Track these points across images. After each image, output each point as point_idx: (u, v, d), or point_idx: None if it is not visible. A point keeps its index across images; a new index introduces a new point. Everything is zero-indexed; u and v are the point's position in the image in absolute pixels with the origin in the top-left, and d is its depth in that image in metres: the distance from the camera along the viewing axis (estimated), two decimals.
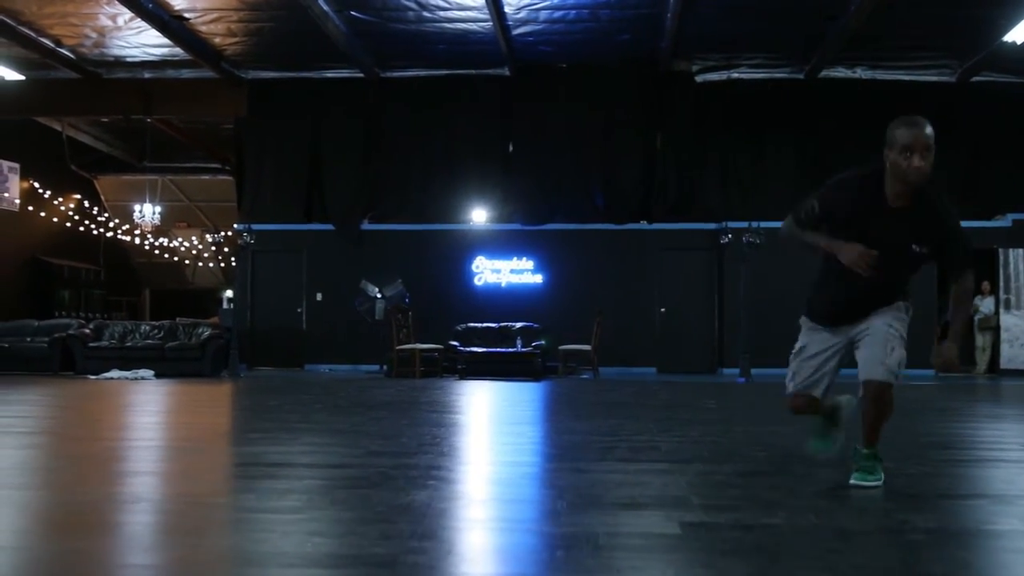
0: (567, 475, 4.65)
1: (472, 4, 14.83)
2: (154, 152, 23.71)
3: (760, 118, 18.18)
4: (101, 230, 22.97)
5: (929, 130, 4.17)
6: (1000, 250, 17.30)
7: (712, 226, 17.54)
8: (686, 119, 18.12)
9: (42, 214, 21.21)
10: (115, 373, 13.72)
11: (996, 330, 17.26)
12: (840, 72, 17.82)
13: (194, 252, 23.27)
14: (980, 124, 17.66)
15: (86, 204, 23.15)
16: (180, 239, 24.79)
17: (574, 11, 15.32)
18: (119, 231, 23.27)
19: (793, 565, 2.87)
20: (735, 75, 18.12)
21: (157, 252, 23.86)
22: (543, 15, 15.44)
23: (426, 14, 15.39)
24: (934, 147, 4.19)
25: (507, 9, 15.20)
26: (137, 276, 25.75)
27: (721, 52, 17.38)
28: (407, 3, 15.01)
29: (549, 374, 15.56)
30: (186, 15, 15.56)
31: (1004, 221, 17.41)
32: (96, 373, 14.04)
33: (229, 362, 14.43)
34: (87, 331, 15.21)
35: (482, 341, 16.27)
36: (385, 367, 15.63)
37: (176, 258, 24.06)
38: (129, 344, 14.94)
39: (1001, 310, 17.20)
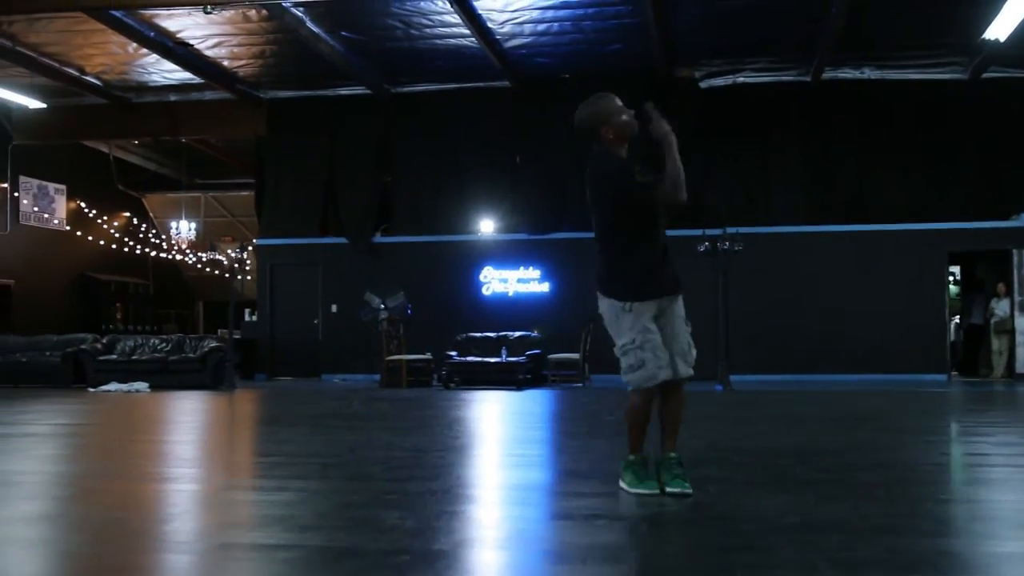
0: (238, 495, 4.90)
1: (453, 21, 15.13)
2: (201, 170, 24.72)
3: (767, 122, 18.05)
4: (145, 248, 24.02)
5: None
6: (1015, 251, 16.79)
7: (715, 232, 17.44)
8: (690, 126, 18.02)
9: (86, 236, 22.31)
10: (113, 386, 14.44)
11: (1012, 333, 16.74)
12: (847, 73, 17.51)
13: (235, 266, 24.12)
14: (994, 121, 17.19)
15: (135, 221, 24.24)
16: (228, 252, 25.67)
17: (556, 24, 15.50)
18: (163, 247, 24.31)
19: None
20: (740, 79, 17.97)
21: (200, 266, 24.82)
22: (527, 28, 15.65)
23: (413, 32, 15.76)
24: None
25: (491, 24, 15.45)
26: (190, 289, 26.80)
27: (724, 57, 17.31)
28: (393, 23, 15.41)
29: (539, 383, 15.74)
30: (189, 41, 16.25)
31: (1020, 221, 16.88)
32: (105, 385, 14.77)
33: (225, 375, 15.00)
34: (98, 345, 16.01)
35: (480, 351, 16.51)
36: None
37: (217, 271, 24.94)
38: (135, 357, 15.68)
39: (1016, 313, 16.68)
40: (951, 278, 19.54)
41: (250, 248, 18.27)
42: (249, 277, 24.55)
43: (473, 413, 10.47)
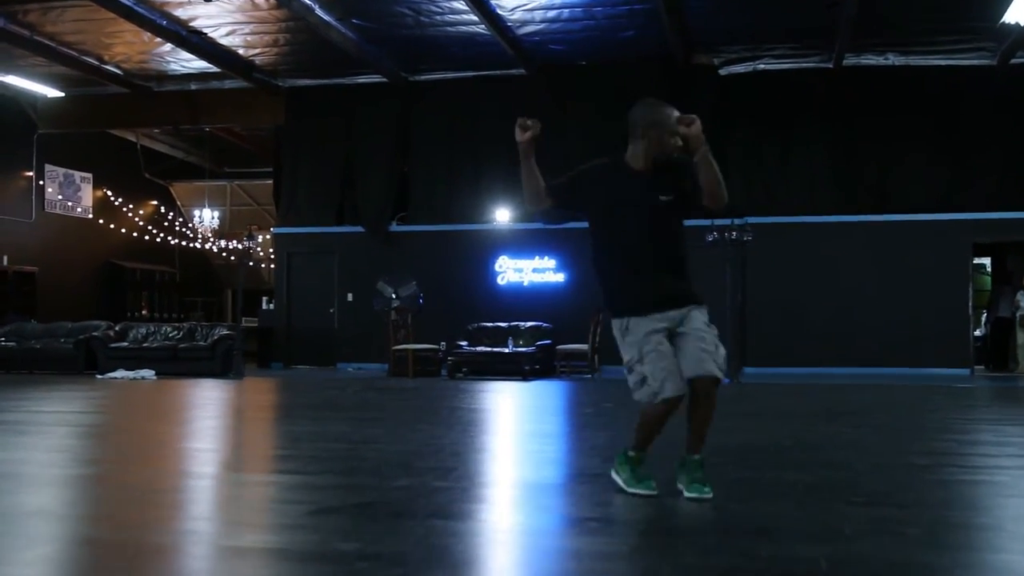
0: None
1: (462, 8, 14.97)
2: (227, 158, 24.88)
3: (787, 110, 17.65)
4: (170, 237, 24.22)
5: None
6: None
7: (727, 222, 17.13)
8: (708, 113, 17.66)
9: (112, 224, 22.53)
10: (120, 373, 14.55)
11: None
12: (870, 59, 17.08)
13: (260, 254, 24.23)
14: (1022, 108, 16.67)
15: (162, 209, 24.46)
16: (245, 240, 25.75)
17: (567, 10, 15.26)
18: (189, 236, 24.51)
19: None
20: (761, 66, 17.60)
21: (224, 254, 24.98)
22: (538, 15, 15.44)
23: (423, 19, 15.62)
24: None
25: (500, 12, 15.26)
26: (218, 277, 26.98)
27: (742, 43, 16.94)
28: (402, 10, 15.28)
29: (549, 374, 15.59)
30: (202, 30, 16.27)
31: None
32: (113, 372, 14.89)
33: (233, 363, 15.04)
34: (110, 333, 16.14)
35: (491, 340, 16.41)
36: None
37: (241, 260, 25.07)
38: (146, 345, 15.78)
39: None
40: (985, 270, 19.05)
41: (259, 237, 18.28)
42: (274, 265, 24.69)
43: (457, 403, 10.33)
